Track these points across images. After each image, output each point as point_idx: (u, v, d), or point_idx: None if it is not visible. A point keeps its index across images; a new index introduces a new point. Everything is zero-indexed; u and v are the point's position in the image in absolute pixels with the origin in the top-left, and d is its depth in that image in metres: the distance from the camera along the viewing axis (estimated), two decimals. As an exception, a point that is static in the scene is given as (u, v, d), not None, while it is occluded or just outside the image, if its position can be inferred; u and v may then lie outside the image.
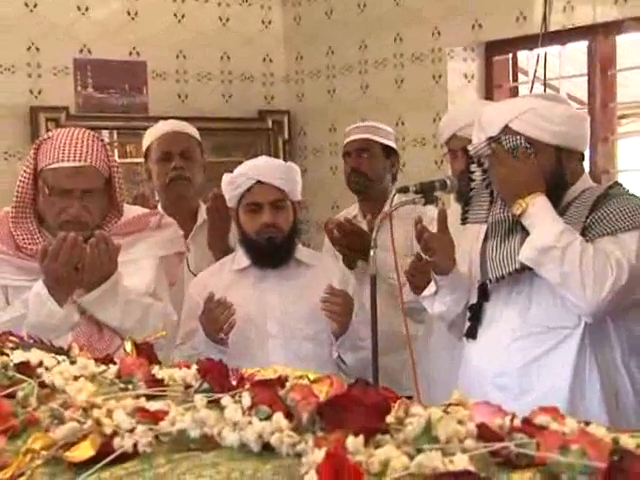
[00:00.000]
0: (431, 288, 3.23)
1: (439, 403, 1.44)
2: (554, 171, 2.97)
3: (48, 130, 5.52)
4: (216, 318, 3.46)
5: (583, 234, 2.90)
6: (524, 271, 2.95)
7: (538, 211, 2.91)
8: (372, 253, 3.42)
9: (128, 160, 6.06)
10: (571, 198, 3.01)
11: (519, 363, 2.98)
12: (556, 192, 2.99)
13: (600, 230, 2.90)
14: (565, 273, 2.84)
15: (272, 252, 3.60)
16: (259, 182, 3.54)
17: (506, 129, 2.96)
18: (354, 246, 4.01)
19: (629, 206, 2.92)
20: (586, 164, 5.13)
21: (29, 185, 3.12)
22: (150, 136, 4.26)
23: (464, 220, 3.30)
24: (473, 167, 3.09)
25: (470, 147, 3.10)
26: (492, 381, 3.01)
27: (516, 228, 2.99)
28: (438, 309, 3.25)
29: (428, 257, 3.14)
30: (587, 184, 3.07)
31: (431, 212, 4.08)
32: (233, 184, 3.59)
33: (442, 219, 3.19)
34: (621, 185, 3.09)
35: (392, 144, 4.41)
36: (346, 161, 4.39)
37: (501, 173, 3.00)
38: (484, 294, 3.11)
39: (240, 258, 3.68)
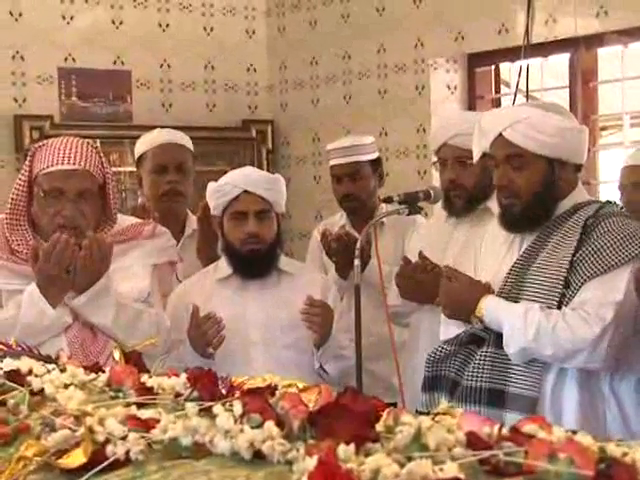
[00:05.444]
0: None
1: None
2: (545, 181, 2.97)
3: (32, 139, 5.54)
4: (204, 333, 3.47)
5: (571, 268, 2.88)
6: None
7: (493, 315, 2.94)
8: (356, 262, 3.44)
9: (112, 169, 6.05)
10: (563, 211, 3.00)
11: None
12: (548, 202, 3.00)
13: (590, 270, 2.86)
14: (552, 354, 2.87)
15: (255, 262, 3.61)
16: (245, 191, 3.56)
17: (499, 137, 2.99)
18: (351, 257, 4.02)
19: (618, 236, 2.88)
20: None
21: (24, 192, 3.15)
22: (145, 144, 4.20)
23: None
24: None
25: None
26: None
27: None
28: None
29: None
30: (580, 197, 3.05)
31: (419, 219, 4.11)
32: (219, 192, 3.60)
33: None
34: (612, 204, 3.08)
35: (376, 154, 4.42)
36: (337, 184, 4.37)
37: (444, 301, 3.09)
38: None
39: (222, 267, 3.69)
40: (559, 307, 2.89)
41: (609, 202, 3.11)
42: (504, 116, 3.05)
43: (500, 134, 2.97)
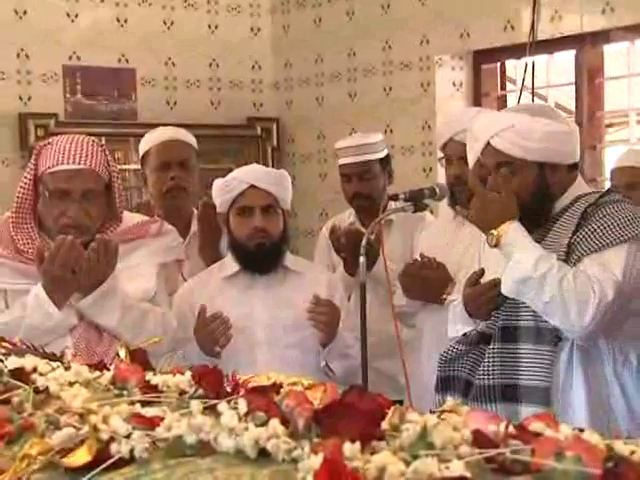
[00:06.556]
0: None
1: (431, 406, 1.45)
2: (536, 187, 2.96)
3: (37, 137, 5.54)
4: (212, 332, 3.47)
5: (569, 251, 2.88)
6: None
7: (511, 240, 2.90)
8: (361, 260, 3.43)
9: (117, 167, 6.06)
10: (563, 206, 2.99)
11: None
12: (542, 206, 2.98)
13: (586, 248, 2.86)
14: (546, 302, 2.83)
15: (261, 257, 3.60)
16: (252, 186, 3.56)
17: (488, 146, 2.98)
18: (359, 254, 4.01)
19: (616, 218, 2.88)
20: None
21: (29, 190, 3.14)
22: (148, 142, 4.20)
23: None
24: None
25: None
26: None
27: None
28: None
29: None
30: (581, 190, 3.03)
31: (428, 217, 4.11)
32: (225, 188, 3.60)
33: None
34: (614, 192, 3.06)
35: (385, 152, 4.40)
36: (346, 183, 4.34)
37: (476, 205, 3.02)
38: None
39: (228, 264, 3.68)
40: None
41: (610, 190, 3.10)
42: (491, 124, 3.02)
43: (488, 142, 2.97)
